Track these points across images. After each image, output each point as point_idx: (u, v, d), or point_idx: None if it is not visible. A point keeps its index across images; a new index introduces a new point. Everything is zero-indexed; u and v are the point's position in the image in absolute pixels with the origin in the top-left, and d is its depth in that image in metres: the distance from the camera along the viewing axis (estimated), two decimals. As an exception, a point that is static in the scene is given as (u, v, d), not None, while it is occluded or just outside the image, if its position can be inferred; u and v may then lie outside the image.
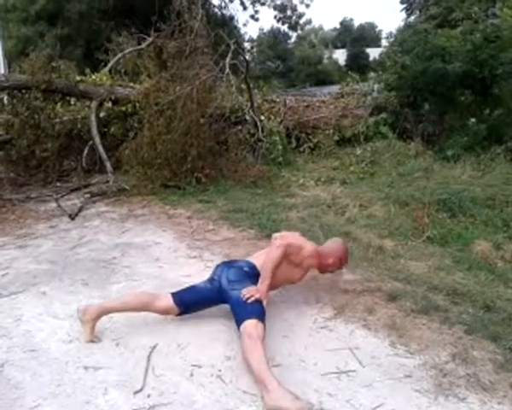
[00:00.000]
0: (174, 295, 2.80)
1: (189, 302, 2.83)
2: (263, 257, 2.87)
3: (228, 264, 2.95)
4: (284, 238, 2.87)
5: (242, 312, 2.52)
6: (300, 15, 35.54)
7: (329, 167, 7.16)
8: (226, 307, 2.77)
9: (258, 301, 2.57)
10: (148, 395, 2.25)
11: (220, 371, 2.42)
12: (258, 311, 2.52)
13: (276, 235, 3.17)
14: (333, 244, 3.18)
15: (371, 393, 2.21)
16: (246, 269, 2.81)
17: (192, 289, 2.88)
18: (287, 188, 6.24)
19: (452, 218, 4.66)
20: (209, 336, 2.75)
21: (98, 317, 2.76)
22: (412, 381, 2.29)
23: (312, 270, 3.15)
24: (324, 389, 2.25)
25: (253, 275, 2.77)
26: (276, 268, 2.77)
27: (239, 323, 2.49)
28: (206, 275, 3.19)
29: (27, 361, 2.58)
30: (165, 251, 4.21)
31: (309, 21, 53.13)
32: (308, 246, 2.99)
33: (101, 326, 2.82)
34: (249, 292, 2.59)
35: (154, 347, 2.66)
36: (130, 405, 2.18)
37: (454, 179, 5.70)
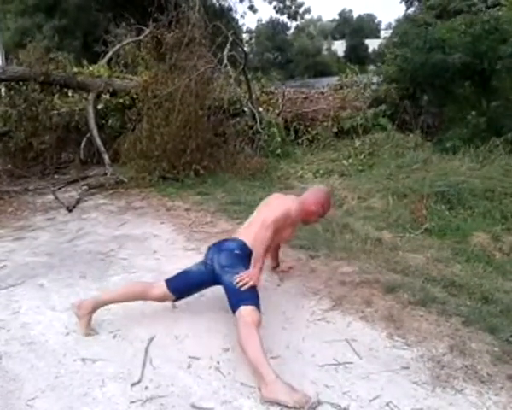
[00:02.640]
0: (168, 281, 2.77)
1: (184, 288, 2.80)
2: (252, 230, 2.81)
3: (218, 246, 2.84)
4: (270, 214, 2.80)
5: (237, 298, 2.48)
6: (299, 5, 35.40)
7: (328, 159, 7.14)
8: (223, 298, 2.76)
9: (252, 287, 2.52)
10: (146, 387, 2.25)
11: (218, 363, 2.42)
12: (252, 297, 2.48)
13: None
14: (314, 192, 3.16)
15: (368, 384, 2.21)
16: (237, 252, 2.73)
17: (185, 274, 2.84)
18: (285, 180, 6.24)
19: (451, 210, 4.66)
20: (207, 329, 2.75)
21: (93, 310, 2.76)
22: (409, 373, 2.29)
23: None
24: (321, 380, 2.25)
25: (244, 256, 2.70)
26: (267, 248, 2.75)
27: (234, 309, 2.46)
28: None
29: (25, 354, 2.58)
30: (163, 243, 4.20)
31: (308, 10, 52.91)
32: (292, 205, 2.95)
33: (99, 318, 2.82)
34: (242, 278, 2.52)
35: (152, 339, 2.65)
36: (128, 397, 2.18)
37: (453, 171, 5.68)
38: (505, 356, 2.37)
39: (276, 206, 2.93)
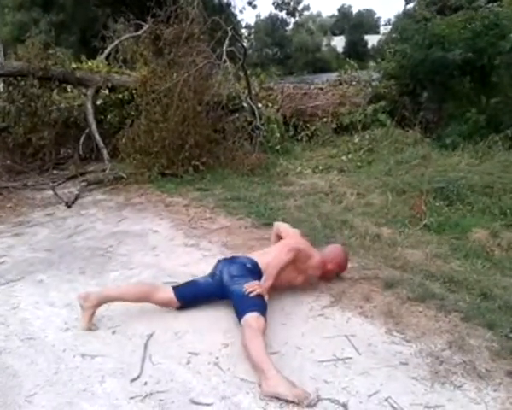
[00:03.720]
0: (175, 288, 2.82)
1: (190, 297, 2.85)
2: (266, 256, 2.89)
3: (230, 260, 2.94)
4: (294, 242, 2.91)
5: (244, 305, 2.53)
6: (298, 1, 35.31)
7: (327, 155, 7.13)
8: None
9: (260, 296, 2.58)
10: (145, 383, 2.25)
11: (217, 358, 2.43)
12: (259, 305, 2.53)
13: (277, 224, 3.21)
14: (332, 250, 3.21)
15: (367, 380, 2.22)
16: (248, 265, 2.81)
17: (193, 283, 2.89)
18: (284, 176, 6.23)
19: (450, 206, 4.66)
20: (206, 324, 2.75)
21: (99, 304, 2.77)
22: (408, 368, 2.30)
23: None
24: (321, 376, 2.25)
25: (255, 272, 2.78)
26: (282, 270, 2.79)
27: (240, 316, 2.49)
28: (203, 264, 3.19)
29: (24, 349, 2.58)
30: (162, 239, 4.20)
31: (307, 7, 52.85)
32: (315, 256, 3.00)
33: (99, 314, 2.82)
34: (251, 286, 2.60)
35: (151, 335, 2.66)
36: (127, 393, 2.19)
37: (452, 167, 5.69)
38: (504, 352, 2.38)
39: (302, 240, 3.07)
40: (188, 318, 2.82)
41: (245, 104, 7.46)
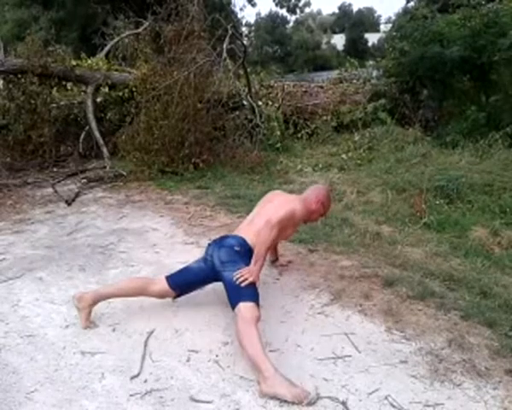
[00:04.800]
0: (168, 278, 2.77)
1: (184, 284, 2.81)
2: (252, 227, 2.81)
3: (218, 243, 2.84)
4: (273, 214, 2.77)
5: (236, 294, 2.49)
6: (299, -1, 35.28)
7: (327, 153, 7.13)
8: (223, 292, 2.76)
9: (252, 283, 2.53)
10: (145, 381, 2.26)
11: (217, 356, 2.43)
12: (251, 293, 2.49)
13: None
14: (314, 190, 3.16)
15: (367, 378, 2.22)
16: (237, 248, 2.73)
17: (185, 270, 2.85)
18: (284, 174, 6.23)
19: (450, 204, 4.66)
20: (206, 322, 2.76)
21: (94, 303, 2.76)
22: (408, 366, 2.30)
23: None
24: (320, 373, 2.26)
25: (244, 253, 2.71)
26: (269, 247, 2.76)
27: (233, 305, 2.47)
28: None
29: (24, 346, 2.59)
30: (163, 237, 4.20)
31: (308, 3, 52.74)
32: (297, 205, 2.93)
33: (99, 312, 2.83)
34: (242, 274, 2.53)
35: (151, 332, 2.66)
36: (127, 390, 2.19)
37: (452, 165, 5.68)
38: (503, 350, 2.38)
39: (280, 205, 2.91)
40: (188, 315, 2.83)
41: (245, 102, 7.46)
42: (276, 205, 2.92)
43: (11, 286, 3.33)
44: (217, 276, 2.71)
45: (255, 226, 2.81)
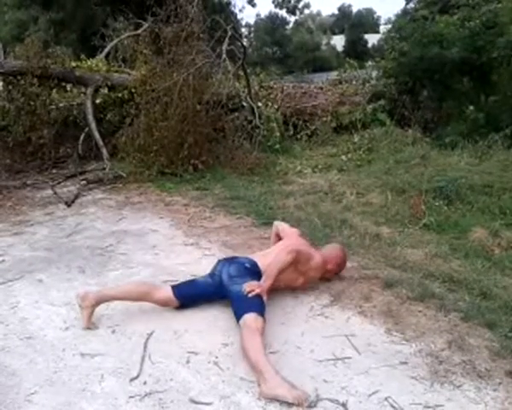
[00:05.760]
0: (174, 288, 2.81)
1: (189, 296, 2.84)
2: (266, 258, 2.88)
3: (229, 260, 2.93)
4: (294, 243, 2.91)
5: (242, 305, 2.52)
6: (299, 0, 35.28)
7: (326, 155, 7.13)
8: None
9: (259, 296, 2.57)
10: (145, 382, 2.25)
11: (217, 358, 2.43)
12: (258, 305, 2.52)
13: (276, 223, 3.22)
14: (331, 250, 3.21)
15: (367, 380, 2.22)
16: (247, 265, 2.80)
17: (192, 283, 2.89)
18: (284, 175, 6.23)
19: (449, 205, 4.66)
20: (206, 324, 2.75)
21: (97, 304, 2.76)
22: (408, 368, 2.30)
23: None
24: (320, 375, 2.25)
25: (254, 272, 2.77)
26: (282, 271, 2.79)
27: (239, 316, 2.49)
28: (203, 263, 3.18)
29: (24, 348, 2.58)
30: (162, 239, 4.20)
31: (307, 4, 52.79)
32: (316, 256, 2.99)
33: (98, 313, 2.82)
34: (250, 286, 2.59)
35: (151, 334, 2.66)
36: (127, 392, 2.19)
37: (451, 166, 5.69)
38: (503, 352, 2.38)
39: (302, 241, 3.06)
40: (187, 317, 2.82)
41: (244, 103, 7.45)
42: (298, 240, 3.07)
43: (10, 288, 3.32)
44: (223, 292, 2.76)
45: (269, 255, 2.90)
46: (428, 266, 3.44)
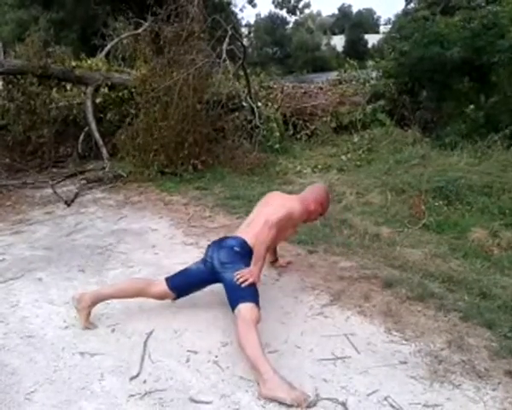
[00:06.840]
0: (168, 279, 2.77)
1: (183, 286, 2.80)
2: (253, 229, 2.79)
3: (218, 244, 2.84)
4: (272, 214, 2.75)
5: (236, 295, 2.49)
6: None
7: (326, 155, 7.13)
8: (223, 292, 2.76)
9: (252, 284, 2.53)
10: (144, 381, 2.25)
11: (217, 357, 2.43)
12: (251, 294, 2.48)
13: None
14: (313, 190, 3.16)
15: (366, 379, 2.22)
16: (237, 249, 2.72)
17: (185, 272, 2.84)
18: (283, 175, 6.23)
19: (449, 205, 4.67)
20: (206, 323, 2.75)
21: (93, 304, 2.76)
22: (407, 367, 2.30)
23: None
24: (320, 375, 2.26)
25: (244, 254, 2.70)
26: (269, 248, 2.76)
27: (233, 306, 2.46)
28: (203, 262, 3.17)
29: (23, 347, 2.58)
30: (162, 238, 4.20)
31: (307, 5, 52.78)
32: (296, 206, 2.92)
33: (98, 312, 2.82)
34: (242, 275, 2.53)
35: (151, 333, 2.66)
36: (126, 391, 2.19)
37: (451, 167, 5.68)
38: (503, 351, 2.38)
39: (279, 205, 2.90)
40: (187, 316, 2.82)
41: (244, 103, 7.45)
42: (275, 206, 2.91)
43: (10, 287, 3.33)
44: (216, 277, 2.71)
45: (254, 227, 2.79)
46: (428, 266, 3.45)
